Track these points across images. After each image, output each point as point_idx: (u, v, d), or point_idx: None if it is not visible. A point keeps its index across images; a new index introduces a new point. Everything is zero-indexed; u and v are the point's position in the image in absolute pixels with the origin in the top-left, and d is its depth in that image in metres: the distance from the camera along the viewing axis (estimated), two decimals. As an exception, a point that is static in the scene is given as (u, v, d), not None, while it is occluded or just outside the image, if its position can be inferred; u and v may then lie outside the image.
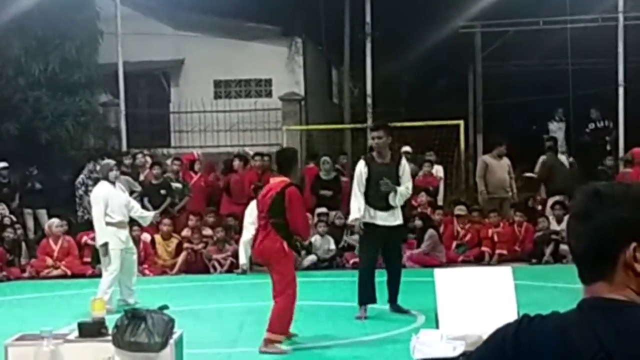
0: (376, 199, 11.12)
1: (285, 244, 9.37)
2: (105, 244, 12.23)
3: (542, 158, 19.26)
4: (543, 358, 2.08)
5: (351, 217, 11.46)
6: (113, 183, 12.56)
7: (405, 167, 11.37)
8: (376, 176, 11.12)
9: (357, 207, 11.17)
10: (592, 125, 22.35)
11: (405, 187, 11.22)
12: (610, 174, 18.94)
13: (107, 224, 12.27)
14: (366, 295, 11.30)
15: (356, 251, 15.13)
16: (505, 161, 18.78)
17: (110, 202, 12.33)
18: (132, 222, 13.63)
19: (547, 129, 22.94)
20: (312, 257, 17.23)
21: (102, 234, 12.25)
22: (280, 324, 9.40)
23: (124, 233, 12.66)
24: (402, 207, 11.67)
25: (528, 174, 19.55)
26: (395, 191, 11.05)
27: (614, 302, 2.11)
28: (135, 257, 13.13)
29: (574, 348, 2.04)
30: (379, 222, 11.15)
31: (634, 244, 2.12)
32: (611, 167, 19.61)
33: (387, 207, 11.14)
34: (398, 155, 11.84)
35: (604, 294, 2.13)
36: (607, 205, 2.15)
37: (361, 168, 11.29)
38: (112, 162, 13.17)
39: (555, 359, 2.07)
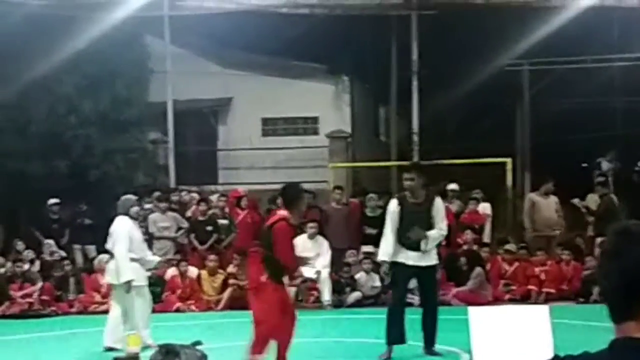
0: (408, 239, 11.05)
1: (265, 276, 9.42)
2: (129, 282, 11.91)
3: (595, 196, 19.08)
4: None
5: (379, 257, 11.48)
6: (134, 219, 12.40)
7: (438, 207, 11.24)
8: (408, 216, 11.05)
9: (385, 248, 11.17)
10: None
11: (438, 229, 11.09)
12: None
13: (131, 259, 12.04)
14: (393, 335, 11.25)
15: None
16: (553, 199, 18.64)
17: (133, 237, 12.14)
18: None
19: (599, 165, 22.74)
20: (357, 294, 17.22)
21: (127, 270, 11.93)
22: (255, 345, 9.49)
23: (144, 270, 12.51)
24: (438, 246, 11.59)
25: (577, 203, 19.31)
26: (426, 236, 10.97)
27: None
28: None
29: None
30: (410, 262, 11.04)
31: None
32: None
33: (419, 247, 11.07)
34: (432, 194, 11.68)
35: (634, 334, 2.13)
36: (636, 243, 2.15)
37: (394, 207, 11.24)
38: (133, 197, 12.96)
39: None
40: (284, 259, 9.50)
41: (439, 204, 11.33)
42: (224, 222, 18.61)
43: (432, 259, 11.18)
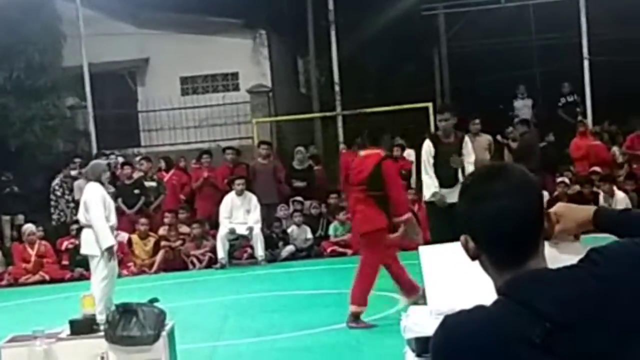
0: (444, 177, 11.25)
1: (384, 218, 9.81)
2: (111, 247, 11.28)
3: (516, 134, 19.31)
4: (480, 353, 2.04)
5: (428, 191, 11.49)
6: (104, 184, 11.89)
7: (468, 144, 11.43)
8: (442, 155, 11.22)
9: (429, 182, 11.38)
10: (563, 100, 22.39)
11: (468, 164, 11.30)
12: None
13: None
14: None
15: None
16: (485, 138, 18.67)
17: (107, 204, 11.51)
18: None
19: (512, 106, 22.98)
20: (290, 248, 17.26)
21: (108, 236, 11.20)
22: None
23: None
24: None
25: (501, 139, 19.53)
26: (463, 167, 11.18)
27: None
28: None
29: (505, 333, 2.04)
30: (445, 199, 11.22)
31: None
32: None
33: (453, 184, 11.14)
34: (461, 133, 11.80)
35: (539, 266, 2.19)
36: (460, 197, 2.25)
37: (428, 147, 11.41)
38: (103, 162, 12.80)
39: (493, 350, 2.03)
40: (396, 196, 9.78)
41: (467, 141, 11.55)
42: (152, 184, 18.43)
43: None
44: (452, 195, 11.18)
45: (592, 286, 2.07)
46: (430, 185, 11.43)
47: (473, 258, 2.24)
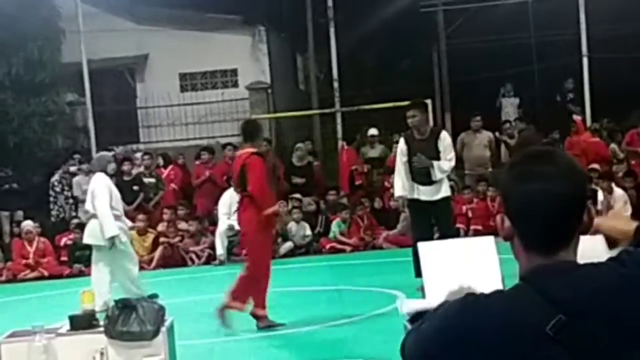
0: (414, 166, 11.27)
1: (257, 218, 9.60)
2: (114, 237, 11.40)
3: (519, 132, 19.29)
4: (491, 337, 2.05)
5: (395, 193, 11.78)
6: (111, 176, 12.06)
7: (445, 140, 11.40)
8: (416, 152, 11.26)
9: (399, 183, 11.48)
10: (567, 96, 22.31)
11: (445, 160, 11.27)
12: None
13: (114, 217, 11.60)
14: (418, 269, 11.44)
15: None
16: (485, 135, 18.69)
17: (113, 194, 11.70)
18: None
19: (500, 105, 22.95)
20: (288, 244, 17.27)
21: (112, 225, 11.35)
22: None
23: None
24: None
25: (500, 136, 19.47)
26: (431, 164, 11.15)
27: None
28: None
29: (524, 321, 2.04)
30: (423, 197, 11.27)
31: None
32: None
33: (430, 182, 11.24)
34: (437, 129, 11.98)
35: (569, 258, 2.18)
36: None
37: (401, 145, 11.51)
38: (109, 154, 12.81)
39: (505, 336, 2.04)
40: (252, 189, 9.48)
41: (445, 137, 11.51)
42: (151, 180, 18.44)
43: (444, 192, 11.37)
44: (429, 193, 11.28)
45: (614, 284, 2.09)
46: (398, 187, 11.56)
47: (506, 238, 2.23)
